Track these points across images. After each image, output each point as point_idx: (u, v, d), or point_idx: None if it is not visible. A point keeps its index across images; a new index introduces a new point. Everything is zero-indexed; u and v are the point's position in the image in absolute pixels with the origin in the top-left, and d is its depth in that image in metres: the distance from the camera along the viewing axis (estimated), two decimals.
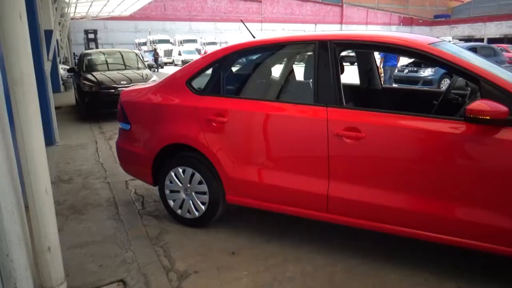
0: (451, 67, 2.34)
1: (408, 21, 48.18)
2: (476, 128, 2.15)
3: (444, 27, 46.10)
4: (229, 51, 3.07)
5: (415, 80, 10.73)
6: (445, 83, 10.37)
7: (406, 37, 2.56)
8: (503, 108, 2.06)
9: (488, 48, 12.34)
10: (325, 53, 2.65)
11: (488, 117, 2.06)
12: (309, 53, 3.03)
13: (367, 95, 3.77)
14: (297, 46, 3.15)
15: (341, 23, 45.66)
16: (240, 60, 3.83)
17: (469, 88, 3.03)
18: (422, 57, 2.43)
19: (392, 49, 2.76)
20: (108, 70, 8.78)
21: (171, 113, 3.14)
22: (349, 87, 3.88)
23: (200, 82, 3.18)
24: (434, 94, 3.63)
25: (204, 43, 33.96)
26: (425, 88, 9.52)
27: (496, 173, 2.13)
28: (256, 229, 3.14)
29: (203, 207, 3.08)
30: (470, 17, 44.24)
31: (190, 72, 3.17)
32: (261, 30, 40.15)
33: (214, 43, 32.70)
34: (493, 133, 2.12)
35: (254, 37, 3.31)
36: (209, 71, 3.12)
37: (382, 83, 3.94)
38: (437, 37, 3.42)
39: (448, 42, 2.85)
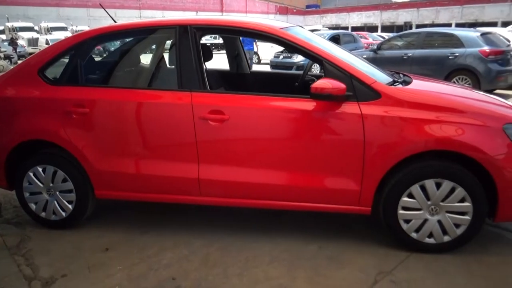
0: (298, 49, 2.55)
1: (284, 10, 51.06)
2: (322, 104, 2.40)
3: (315, 17, 50.07)
4: (85, 37, 2.85)
5: (289, 66, 11.48)
6: (316, 67, 11.32)
7: (259, 22, 2.71)
8: (342, 85, 2.33)
9: (349, 35, 13.80)
10: (186, 38, 2.65)
11: (329, 94, 2.31)
12: (170, 38, 2.99)
13: (237, 79, 3.91)
14: (157, 31, 3.07)
15: (221, 11, 46.15)
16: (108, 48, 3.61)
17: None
18: (274, 40, 2.60)
19: (247, 33, 2.89)
20: None
21: (23, 107, 2.81)
22: (220, 72, 3.99)
23: (56, 72, 2.91)
24: (297, 77, 3.94)
25: (76, 31, 30.94)
26: (294, 72, 10.24)
27: (340, 142, 2.42)
28: (132, 222, 3.04)
29: (70, 206, 2.85)
30: (336, 7, 48.81)
31: (42, 60, 2.87)
32: (139, 17, 38.19)
33: None
34: (336, 108, 2.39)
35: (115, 21, 3.14)
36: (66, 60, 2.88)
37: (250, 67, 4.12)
38: (317, 26, 3.69)
39: (299, 27, 3.09)
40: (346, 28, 42.22)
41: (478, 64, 7.73)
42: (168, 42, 3.59)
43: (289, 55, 11.87)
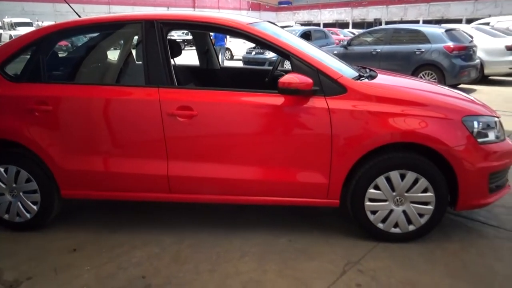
0: (266, 45, 2.56)
1: (256, 7, 50.98)
2: (290, 98, 2.42)
3: (287, 13, 50.31)
4: (46, 32, 2.76)
5: (262, 62, 11.49)
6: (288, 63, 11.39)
7: (227, 18, 2.70)
8: (309, 80, 2.37)
9: (320, 31, 13.97)
10: (153, 33, 2.61)
11: (297, 88, 2.34)
12: (137, 34, 2.94)
13: (207, 75, 3.89)
14: (123, 27, 3.00)
15: (193, 7, 45.58)
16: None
17: None
18: (242, 35, 2.61)
19: (214, 29, 2.88)
20: None
21: None
22: (190, 68, 3.96)
23: (17, 68, 2.81)
24: (268, 73, 3.95)
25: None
26: (265, 67, 10.28)
27: (309, 137, 2.45)
28: (101, 221, 2.98)
29: (35, 207, 2.77)
30: (308, 4, 49.20)
31: (1, 56, 2.75)
32: (109, 13, 37.25)
33: None
34: (304, 102, 2.42)
35: (79, 16, 3.05)
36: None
37: (220, 63, 4.11)
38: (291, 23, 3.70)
39: (268, 22, 3.11)
40: (318, 24, 42.67)
41: (443, 60, 8.01)
42: (136, 38, 3.54)
43: (261, 51, 11.89)
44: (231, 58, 19.30)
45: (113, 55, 3.50)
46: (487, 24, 12.74)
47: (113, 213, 3.11)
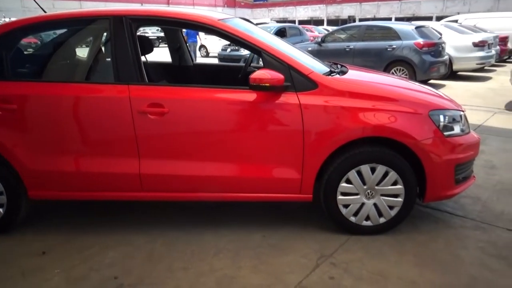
0: (237, 41, 2.56)
1: (232, 4, 50.71)
2: (262, 95, 2.43)
3: (263, 10, 50.29)
4: (8, 28, 2.66)
5: (237, 58, 11.46)
6: None
7: (197, 13, 2.68)
8: (280, 76, 2.37)
9: (295, 28, 14.04)
10: (121, 29, 2.56)
11: (268, 84, 2.34)
12: (106, 30, 2.87)
13: (179, 72, 3.85)
14: (91, 22, 2.91)
15: (167, 3, 44.93)
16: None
17: None
18: (213, 31, 2.58)
19: (185, 25, 2.85)
20: None
21: None
22: (162, 65, 3.90)
23: None
24: (242, 69, 3.94)
25: None
26: (238, 64, 10.28)
27: (281, 132, 2.46)
28: (72, 222, 2.91)
29: (0, 209, 2.67)
30: (283, 1, 49.32)
31: None
32: (80, 8, 36.16)
33: None
34: (275, 98, 2.43)
35: (45, 12, 2.95)
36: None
37: (193, 59, 4.07)
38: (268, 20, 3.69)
39: (240, 19, 3.10)
40: (293, 21, 42.87)
41: (413, 56, 8.21)
42: (106, 34, 3.45)
43: (237, 48, 11.85)
44: (207, 55, 19.17)
45: (83, 52, 3.41)
46: (456, 21, 13.14)
47: (84, 214, 3.04)
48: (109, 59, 3.11)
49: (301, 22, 38.89)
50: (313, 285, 2.17)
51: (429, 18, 32.85)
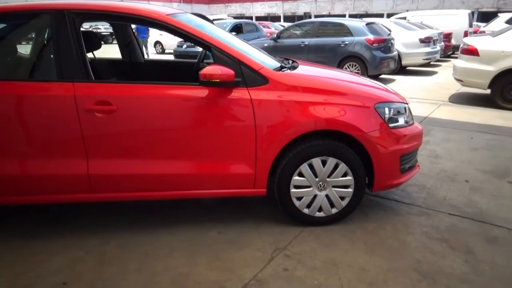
0: (187, 36, 2.52)
1: (188, 0, 49.99)
2: (213, 90, 2.41)
3: (220, 6, 49.96)
4: None
5: (193, 55, 11.30)
6: None
7: (145, 8, 2.61)
8: (230, 71, 2.37)
9: (251, 24, 14.06)
10: (64, 24, 2.45)
11: (218, 80, 2.34)
12: (47, 25, 2.73)
13: (130, 69, 3.75)
14: (31, 17, 2.75)
15: None
16: None
17: None
18: (161, 27, 2.53)
19: (131, 19, 2.76)
20: None
21: None
22: (111, 62, 3.78)
23: None
24: (194, 65, 3.90)
25: None
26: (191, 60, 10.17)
27: (233, 128, 2.47)
28: (15, 229, 2.76)
29: None
30: None
31: None
32: (26, 1, 34.13)
33: None
34: (227, 94, 2.43)
35: None
36: None
37: (144, 55, 3.97)
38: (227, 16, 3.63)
39: (191, 14, 3.06)
40: (250, 17, 42.95)
41: (365, 52, 8.50)
42: (48, 29, 3.27)
43: (192, 44, 11.68)
44: (163, 51, 18.79)
45: (26, 49, 3.23)
46: (404, 18, 13.73)
47: (28, 219, 2.89)
48: (50, 55, 2.97)
49: (258, 18, 39.10)
50: (268, 278, 2.20)
51: (381, 15, 34.15)
